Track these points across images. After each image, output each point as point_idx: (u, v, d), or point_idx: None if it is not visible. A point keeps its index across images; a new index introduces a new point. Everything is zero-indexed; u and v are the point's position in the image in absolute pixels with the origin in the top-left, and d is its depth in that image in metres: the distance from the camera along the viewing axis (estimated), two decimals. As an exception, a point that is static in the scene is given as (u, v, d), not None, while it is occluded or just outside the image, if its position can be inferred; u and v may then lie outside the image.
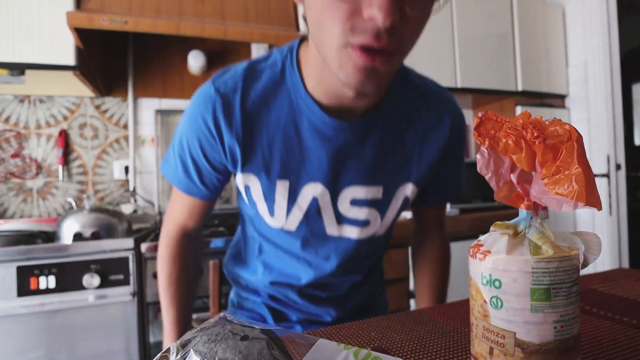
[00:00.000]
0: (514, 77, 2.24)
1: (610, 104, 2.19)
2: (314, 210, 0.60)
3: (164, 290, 0.69)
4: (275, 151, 0.56)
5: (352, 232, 0.62)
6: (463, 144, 0.66)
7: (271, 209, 0.60)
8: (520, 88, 2.23)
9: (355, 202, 0.60)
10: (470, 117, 2.64)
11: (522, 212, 0.34)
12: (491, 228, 0.36)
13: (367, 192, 0.60)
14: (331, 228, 0.62)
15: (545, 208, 0.33)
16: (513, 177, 0.33)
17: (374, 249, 0.70)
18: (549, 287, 0.30)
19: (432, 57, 2.05)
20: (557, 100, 2.41)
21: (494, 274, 0.32)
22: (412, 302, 1.74)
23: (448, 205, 1.99)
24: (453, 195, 0.71)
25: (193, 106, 0.57)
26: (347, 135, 0.56)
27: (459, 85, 2.10)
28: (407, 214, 1.76)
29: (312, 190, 0.58)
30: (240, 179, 0.59)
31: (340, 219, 0.61)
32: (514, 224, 0.34)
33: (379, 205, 0.61)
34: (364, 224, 0.62)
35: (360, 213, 0.61)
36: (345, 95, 0.51)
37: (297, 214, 0.60)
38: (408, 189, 0.62)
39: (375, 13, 0.38)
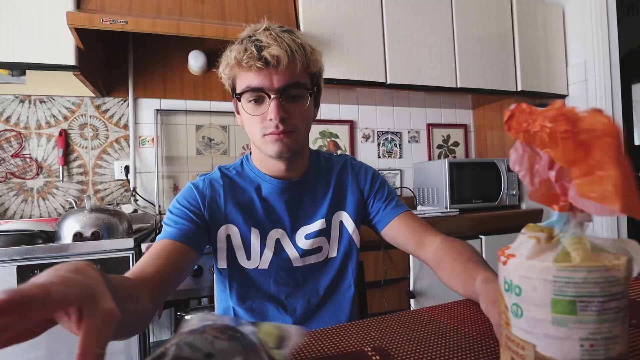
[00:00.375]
0: (514, 77, 2.24)
1: (610, 104, 2.19)
2: (279, 248, 0.81)
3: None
4: (245, 209, 0.80)
5: (311, 259, 0.83)
6: (372, 177, 0.89)
7: (248, 255, 0.80)
8: (520, 88, 2.23)
9: (307, 236, 0.82)
10: (470, 117, 2.64)
11: (555, 213, 0.30)
12: (522, 230, 0.32)
13: (314, 226, 0.82)
14: (296, 261, 0.81)
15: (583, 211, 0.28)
16: (552, 174, 0.29)
17: (338, 274, 0.85)
18: (574, 299, 0.27)
19: (432, 57, 2.05)
20: (560, 100, 2.41)
21: (515, 280, 0.29)
22: (412, 302, 1.74)
23: (448, 205, 1.99)
24: (396, 206, 0.86)
25: (189, 185, 0.81)
26: (292, 190, 0.82)
27: (459, 85, 2.10)
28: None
29: (275, 234, 0.81)
30: (223, 232, 0.79)
31: (302, 253, 0.81)
32: (549, 227, 0.31)
33: (324, 233, 0.83)
34: (318, 250, 0.83)
35: (314, 243, 0.82)
36: (279, 168, 0.79)
37: (268, 254, 0.80)
38: (341, 216, 0.85)
39: (271, 115, 0.70)
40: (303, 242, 0.81)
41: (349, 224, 0.85)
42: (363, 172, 0.89)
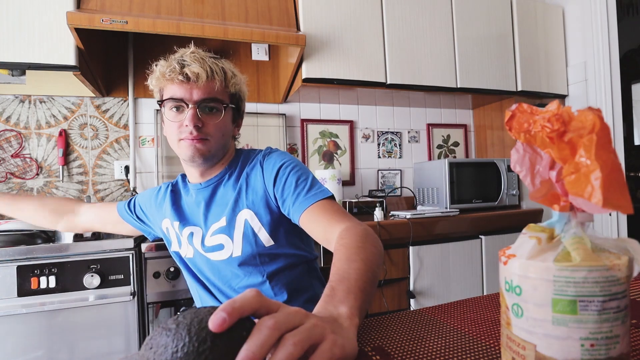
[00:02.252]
0: (514, 77, 2.24)
1: (610, 103, 2.19)
2: (190, 243, 0.92)
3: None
4: (182, 209, 0.96)
5: (215, 256, 0.89)
6: (277, 172, 0.85)
7: (179, 244, 0.96)
8: (520, 88, 2.23)
9: (214, 233, 0.88)
10: (470, 117, 2.64)
11: (556, 213, 0.30)
12: (523, 230, 0.32)
13: (219, 224, 0.88)
14: (203, 255, 0.91)
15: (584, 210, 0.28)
16: (552, 175, 0.29)
17: (247, 271, 0.87)
18: (575, 299, 0.27)
19: (432, 57, 2.05)
20: (556, 100, 2.41)
21: (515, 280, 0.29)
22: (412, 302, 1.74)
23: (448, 205, 1.99)
24: (304, 199, 0.79)
25: (156, 188, 1.04)
26: (202, 191, 0.92)
27: (459, 85, 2.10)
28: (407, 214, 1.76)
29: (189, 230, 0.92)
30: (165, 225, 0.98)
31: (207, 249, 0.89)
32: (550, 227, 0.31)
33: (227, 231, 0.87)
34: (219, 247, 0.88)
35: (215, 240, 0.88)
36: (195, 175, 0.92)
37: (186, 244, 0.94)
38: (245, 214, 0.86)
39: (187, 122, 0.81)
40: (209, 239, 0.89)
41: (255, 222, 0.85)
42: (270, 167, 0.87)
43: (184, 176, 1.01)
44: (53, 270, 1.24)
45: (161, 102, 0.85)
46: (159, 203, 1.00)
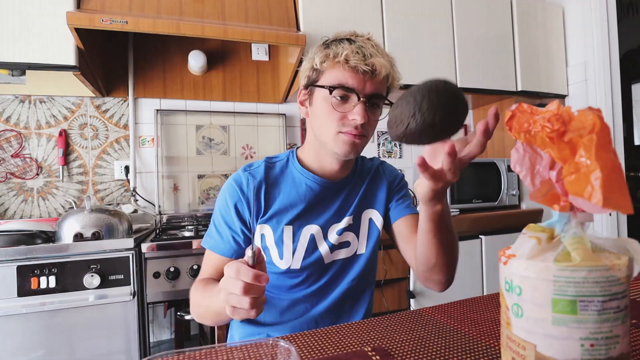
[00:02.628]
0: (514, 77, 2.24)
1: (610, 103, 2.19)
2: (311, 245, 0.82)
3: (200, 291, 0.76)
4: (283, 207, 0.82)
5: (340, 254, 0.85)
6: (400, 179, 0.96)
7: (281, 254, 0.81)
8: (520, 88, 2.23)
9: (338, 232, 0.84)
10: (470, 117, 2.64)
11: (556, 213, 0.30)
12: (523, 230, 0.32)
13: (344, 222, 0.85)
14: (326, 257, 0.83)
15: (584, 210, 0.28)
16: (553, 175, 0.29)
17: (364, 272, 0.87)
18: (575, 299, 0.27)
19: (432, 57, 2.05)
20: (556, 100, 2.41)
21: (515, 280, 0.29)
22: (412, 302, 1.74)
23: (449, 205, 1.99)
24: (410, 208, 0.92)
25: (230, 182, 0.84)
26: (331, 190, 0.85)
27: (459, 85, 2.10)
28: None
29: (310, 230, 0.82)
30: (257, 231, 0.82)
31: (332, 247, 0.84)
32: (550, 227, 0.30)
33: (353, 229, 0.86)
34: (347, 244, 0.86)
35: (342, 238, 0.85)
36: (333, 168, 0.84)
37: (301, 250, 0.81)
38: (371, 213, 0.89)
39: (357, 117, 0.74)
40: (334, 237, 0.84)
41: (379, 222, 0.89)
42: (395, 175, 0.95)
43: (290, 163, 0.87)
44: (53, 270, 1.24)
45: (331, 88, 0.75)
46: (248, 206, 0.82)
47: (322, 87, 0.76)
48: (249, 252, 0.53)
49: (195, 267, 1.41)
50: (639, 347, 0.42)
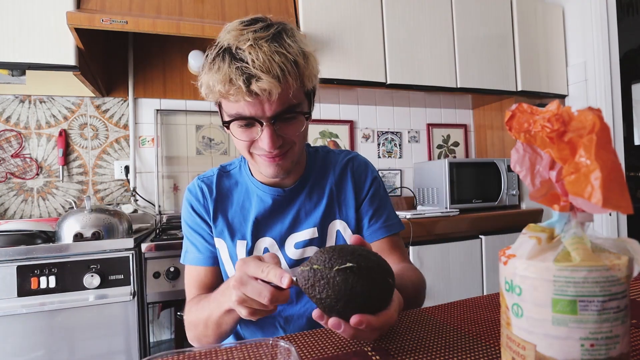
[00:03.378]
0: (514, 77, 2.24)
1: (610, 103, 2.19)
2: None
3: (194, 309, 0.70)
4: (235, 220, 0.78)
5: None
6: (371, 182, 0.83)
7: (233, 262, 0.76)
8: (520, 88, 2.23)
9: (297, 245, 0.77)
10: (470, 117, 2.64)
11: (556, 213, 0.30)
12: (523, 230, 0.32)
13: (305, 235, 0.77)
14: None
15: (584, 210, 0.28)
16: (553, 175, 0.29)
17: None
18: (575, 299, 0.27)
19: (432, 57, 2.05)
20: (556, 100, 2.41)
21: (515, 280, 0.29)
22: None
23: (448, 205, 1.99)
24: (380, 228, 0.80)
25: (187, 193, 0.81)
26: (282, 198, 0.78)
27: (459, 85, 2.10)
28: (407, 214, 1.76)
29: (263, 244, 0.77)
30: (215, 243, 0.78)
31: (292, 263, 0.77)
32: (550, 227, 0.31)
33: (317, 242, 0.78)
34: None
35: (305, 252, 0.77)
36: (274, 180, 0.75)
37: None
38: (337, 225, 0.80)
39: (264, 145, 0.65)
40: (292, 251, 0.77)
41: (347, 234, 0.80)
42: (363, 178, 0.83)
43: (243, 170, 0.81)
44: (53, 270, 1.24)
45: (227, 123, 0.67)
46: (204, 215, 0.79)
47: (224, 123, 0.68)
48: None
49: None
50: (639, 347, 0.42)
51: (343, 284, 0.42)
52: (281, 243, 0.78)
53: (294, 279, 0.45)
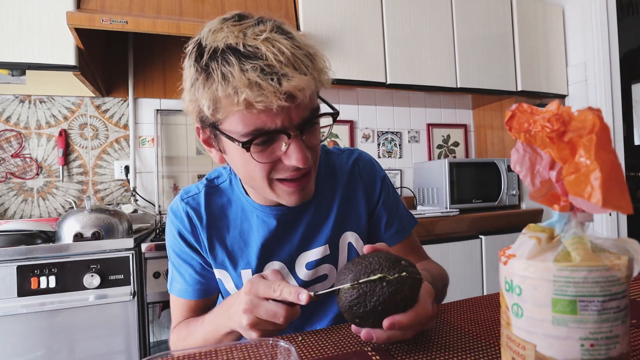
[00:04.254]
0: (514, 77, 2.24)
1: (610, 103, 2.19)
2: None
3: (184, 334, 0.66)
4: (235, 248, 0.68)
5: (315, 289, 0.70)
6: (381, 184, 0.76)
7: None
8: (520, 88, 2.23)
9: (309, 265, 0.70)
10: (470, 117, 2.64)
11: (556, 213, 0.30)
12: (523, 230, 0.32)
13: (316, 253, 0.70)
14: None
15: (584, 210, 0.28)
16: (552, 175, 0.29)
17: None
18: (575, 299, 0.26)
19: (432, 57, 2.05)
20: (556, 100, 2.41)
21: (515, 280, 0.29)
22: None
23: (448, 205, 1.99)
24: (395, 233, 0.76)
25: (169, 215, 0.71)
26: (287, 217, 0.68)
27: (459, 85, 2.10)
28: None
29: (272, 267, 0.64)
30: (216, 275, 0.70)
31: (304, 284, 0.69)
32: (550, 227, 0.31)
33: (329, 260, 0.71)
34: (324, 277, 0.71)
35: (317, 272, 0.70)
36: (295, 205, 0.61)
37: None
38: (349, 237, 0.72)
39: (294, 162, 0.52)
40: (304, 273, 0.69)
41: (359, 245, 0.73)
42: (372, 182, 0.76)
43: (235, 187, 0.70)
44: (53, 270, 1.24)
45: (247, 144, 0.51)
46: (194, 240, 0.69)
47: (231, 139, 0.52)
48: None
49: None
50: (639, 347, 0.42)
51: (376, 296, 0.44)
52: (291, 265, 0.70)
53: (312, 294, 0.45)
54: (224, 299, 0.60)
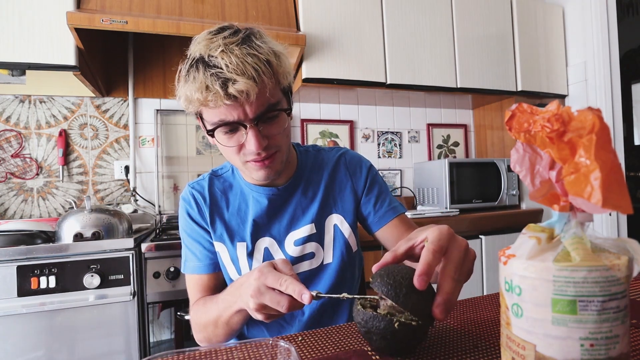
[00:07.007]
0: (514, 77, 2.24)
1: (610, 103, 2.19)
2: (267, 259, 0.78)
3: (201, 311, 0.71)
4: (233, 223, 0.79)
5: (303, 266, 0.79)
6: (367, 172, 0.86)
7: (238, 270, 0.78)
8: (520, 88, 2.23)
9: (297, 242, 0.79)
10: (470, 117, 2.64)
11: (556, 213, 0.30)
12: (523, 230, 0.32)
13: (304, 231, 0.79)
14: None
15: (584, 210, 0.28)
16: (552, 175, 0.29)
17: (336, 281, 0.80)
18: (574, 299, 0.27)
19: (432, 57, 2.05)
20: (556, 100, 2.41)
21: (515, 280, 0.29)
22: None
23: (448, 205, 1.99)
24: (388, 210, 0.84)
25: (181, 201, 0.83)
26: (278, 197, 0.79)
27: (459, 85, 2.10)
28: (407, 214, 1.76)
29: (263, 244, 0.79)
30: (215, 248, 0.79)
31: (292, 260, 0.78)
32: (550, 227, 0.31)
33: (316, 238, 0.80)
34: (310, 255, 0.80)
35: (304, 249, 0.79)
36: (265, 181, 0.74)
37: (257, 266, 0.74)
38: (335, 219, 0.82)
39: (252, 148, 0.66)
40: (292, 249, 0.79)
41: (345, 227, 0.82)
42: (358, 170, 0.86)
43: (236, 173, 0.83)
44: (53, 270, 1.24)
45: (211, 131, 0.68)
46: (200, 220, 0.81)
47: (208, 132, 0.68)
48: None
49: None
50: (639, 347, 0.42)
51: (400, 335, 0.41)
52: (280, 241, 0.79)
53: (314, 294, 0.46)
54: (235, 280, 0.67)
